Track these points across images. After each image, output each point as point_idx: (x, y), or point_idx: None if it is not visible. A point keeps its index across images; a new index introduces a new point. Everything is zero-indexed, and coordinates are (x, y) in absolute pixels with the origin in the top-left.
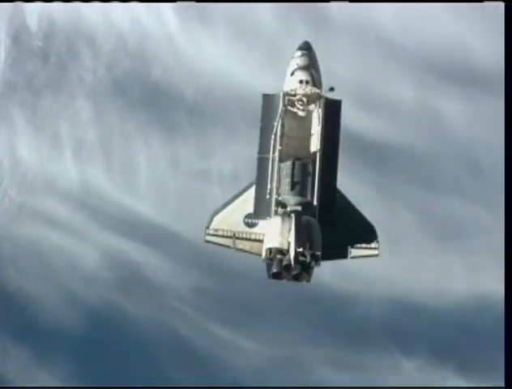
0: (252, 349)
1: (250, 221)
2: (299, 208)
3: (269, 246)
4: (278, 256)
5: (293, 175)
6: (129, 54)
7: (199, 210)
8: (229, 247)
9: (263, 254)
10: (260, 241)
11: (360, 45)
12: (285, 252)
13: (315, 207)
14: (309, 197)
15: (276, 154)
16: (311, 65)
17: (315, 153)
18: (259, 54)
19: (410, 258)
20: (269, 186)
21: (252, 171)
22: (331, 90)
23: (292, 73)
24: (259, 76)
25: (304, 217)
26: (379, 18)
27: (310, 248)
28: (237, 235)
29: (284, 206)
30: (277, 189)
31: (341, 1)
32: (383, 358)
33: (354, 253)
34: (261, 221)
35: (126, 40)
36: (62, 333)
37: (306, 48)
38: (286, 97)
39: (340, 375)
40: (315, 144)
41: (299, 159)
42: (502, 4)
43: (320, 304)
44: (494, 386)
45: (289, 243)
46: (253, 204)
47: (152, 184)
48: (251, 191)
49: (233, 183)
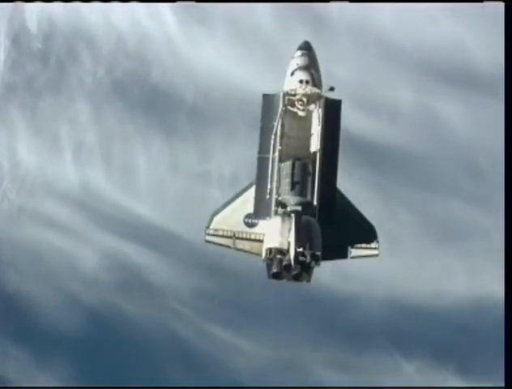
0: (252, 351)
1: (250, 221)
2: (299, 208)
3: (269, 246)
4: (278, 256)
5: (293, 175)
6: (128, 56)
7: (199, 212)
8: (229, 247)
9: (263, 254)
10: (260, 241)
11: (359, 46)
12: (285, 252)
13: (315, 207)
14: (309, 197)
15: (276, 154)
16: (311, 65)
17: (315, 153)
18: (259, 55)
19: (410, 259)
20: (269, 186)
21: (252, 173)
22: (331, 90)
23: (292, 73)
24: (259, 77)
25: (304, 217)
26: (379, 18)
27: (310, 248)
28: (237, 235)
29: (284, 206)
30: (277, 189)
31: (341, 1)
32: (383, 360)
33: (354, 253)
34: (261, 221)
35: (126, 41)
36: (62, 335)
37: (306, 48)
38: (286, 97)
39: (340, 377)
40: (315, 144)
41: (299, 159)
42: (502, 4)
43: (320, 305)
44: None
45: (289, 243)
46: (253, 204)
47: (152, 185)
48: (251, 191)
49: (233, 185)
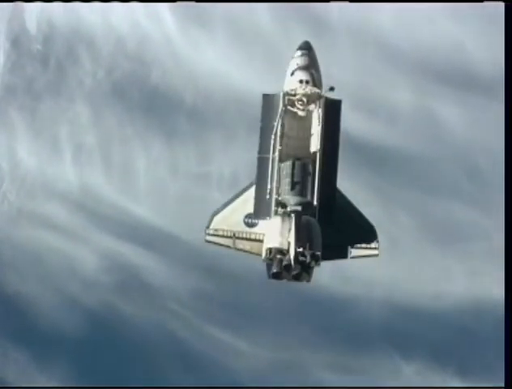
0: (251, 352)
1: (250, 221)
2: (299, 208)
3: (269, 246)
4: (278, 256)
5: (293, 175)
6: (128, 57)
7: (198, 213)
8: (229, 247)
9: (263, 254)
10: (260, 241)
11: (359, 47)
12: (285, 252)
13: (315, 207)
14: (309, 197)
15: (276, 154)
16: (311, 65)
17: (315, 153)
18: (259, 55)
19: (409, 261)
20: (269, 186)
21: (251, 175)
22: (331, 90)
23: (292, 73)
24: (259, 78)
25: (304, 217)
26: (378, 19)
27: (310, 248)
28: (237, 235)
29: (284, 206)
30: (277, 189)
31: (341, 1)
32: (383, 361)
33: (354, 253)
34: (261, 221)
35: (125, 42)
36: (61, 336)
37: (306, 47)
38: (286, 97)
39: (339, 377)
40: (315, 144)
41: (299, 159)
42: (502, 4)
43: (319, 306)
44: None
45: (289, 243)
46: (253, 204)
47: (152, 187)
48: (251, 191)
49: (233, 187)
